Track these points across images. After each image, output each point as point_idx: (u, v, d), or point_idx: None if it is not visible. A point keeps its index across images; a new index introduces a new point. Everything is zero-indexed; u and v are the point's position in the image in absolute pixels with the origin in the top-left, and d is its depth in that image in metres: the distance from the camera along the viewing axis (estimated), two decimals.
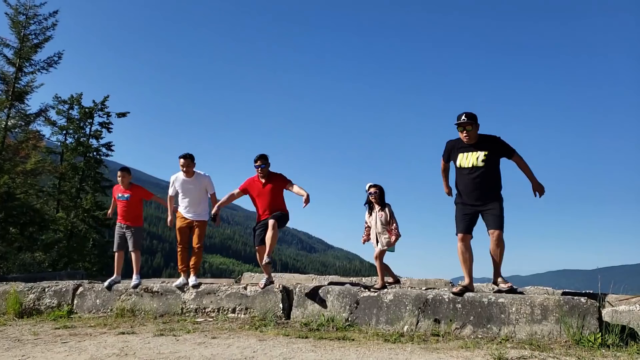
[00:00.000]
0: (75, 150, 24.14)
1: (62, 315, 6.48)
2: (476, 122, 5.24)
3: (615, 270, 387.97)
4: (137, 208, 7.30)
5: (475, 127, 5.23)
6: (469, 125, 5.19)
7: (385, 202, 6.25)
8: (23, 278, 9.76)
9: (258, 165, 6.31)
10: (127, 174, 7.27)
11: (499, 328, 4.79)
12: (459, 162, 5.32)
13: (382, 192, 6.26)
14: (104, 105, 24.98)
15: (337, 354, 4.04)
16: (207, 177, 6.85)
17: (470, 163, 5.21)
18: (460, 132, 5.27)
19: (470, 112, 5.25)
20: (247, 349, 4.28)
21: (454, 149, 5.39)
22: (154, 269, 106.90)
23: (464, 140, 5.26)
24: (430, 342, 4.56)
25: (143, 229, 7.52)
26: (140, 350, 4.30)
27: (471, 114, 5.23)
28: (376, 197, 6.21)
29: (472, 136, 5.23)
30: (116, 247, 7.28)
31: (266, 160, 6.34)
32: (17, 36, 19.36)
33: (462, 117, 5.21)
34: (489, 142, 5.24)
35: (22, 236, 19.21)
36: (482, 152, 5.20)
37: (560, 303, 4.62)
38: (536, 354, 3.98)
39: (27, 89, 19.43)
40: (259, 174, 6.34)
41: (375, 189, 6.23)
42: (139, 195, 7.32)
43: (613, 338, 4.27)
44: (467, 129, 5.20)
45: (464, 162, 5.28)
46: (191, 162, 6.73)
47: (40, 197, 21.82)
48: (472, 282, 5.38)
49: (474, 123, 5.21)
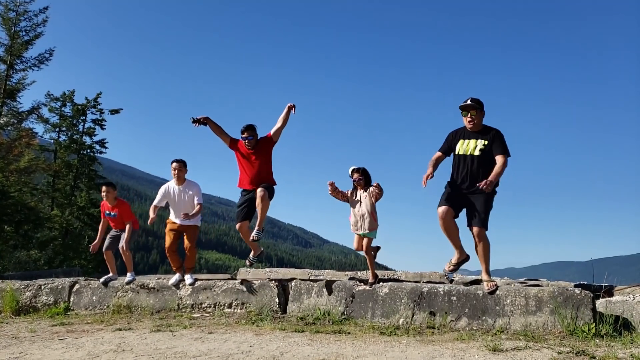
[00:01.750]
0: (68, 147, 24.04)
1: (59, 313, 6.47)
2: (482, 108, 5.05)
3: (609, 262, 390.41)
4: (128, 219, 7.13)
5: (480, 114, 5.04)
6: (474, 109, 5.00)
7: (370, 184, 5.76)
8: (19, 276, 9.75)
9: (245, 137, 5.98)
10: (112, 189, 7.19)
11: (493, 320, 4.83)
12: (458, 148, 5.14)
13: (367, 176, 5.75)
14: (96, 102, 24.86)
15: (334, 348, 4.06)
16: (197, 186, 6.74)
17: (468, 150, 5.05)
18: (464, 117, 5.08)
19: (476, 98, 5.06)
20: (244, 344, 4.30)
21: (456, 136, 5.19)
22: (149, 266, 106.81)
23: (468, 126, 5.08)
24: (426, 335, 4.59)
25: (137, 233, 7.42)
26: (137, 346, 4.31)
27: (477, 99, 5.04)
28: (361, 184, 5.72)
29: (476, 122, 5.04)
30: (105, 247, 7.18)
31: (254, 131, 6.01)
32: (7, 33, 19.25)
33: (468, 100, 5.03)
34: (490, 133, 5.05)
35: (17, 234, 19.16)
36: (482, 140, 5.01)
37: (555, 294, 4.66)
38: (531, 344, 4.01)
39: (18, 86, 19.33)
40: (247, 145, 6.01)
41: (358, 174, 5.73)
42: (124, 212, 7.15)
43: (607, 328, 4.31)
44: (471, 113, 5.01)
45: (462, 148, 5.10)
46: (183, 167, 6.67)
47: (35, 195, 21.76)
48: (463, 251, 5.19)
49: (478, 108, 5.02)
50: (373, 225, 5.66)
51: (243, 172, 6.11)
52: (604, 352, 3.66)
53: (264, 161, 6.07)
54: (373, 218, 5.65)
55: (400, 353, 3.83)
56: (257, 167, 6.03)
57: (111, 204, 7.15)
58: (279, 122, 6.06)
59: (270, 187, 6.02)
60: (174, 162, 6.68)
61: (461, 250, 5.21)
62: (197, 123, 6.00)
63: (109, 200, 7.14)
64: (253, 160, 6.03)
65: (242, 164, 6.10)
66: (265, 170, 6.09)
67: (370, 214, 5.64)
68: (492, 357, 3.61)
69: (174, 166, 6.65)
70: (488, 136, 5.03)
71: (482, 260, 5.09)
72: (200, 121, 6.01)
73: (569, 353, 3.66)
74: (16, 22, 19.41)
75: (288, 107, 5.99)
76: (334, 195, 5.79)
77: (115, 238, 7.18)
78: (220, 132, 6.18)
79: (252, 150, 6.03)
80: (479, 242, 5.00)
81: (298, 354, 3.86)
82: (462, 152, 5.09)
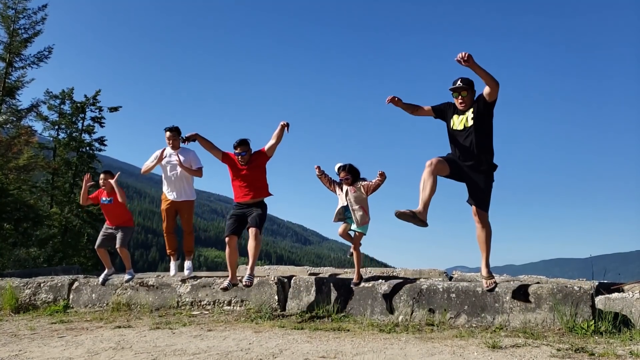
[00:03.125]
0: (67, 145, 23.98)
1: (58, 310, 6.48)
2: (472, 87, 4.93)
3: (609, 258, 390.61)
4: (123, 210, 7.07)
5: (471, 93, 4.92)
6: (464, 90, 4.89)
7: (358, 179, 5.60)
8: (18, 274, 9.74)
9: (238, 153, 5.82)
10: (111, 177, 7.05)
11: (493, 317, 4.83)
12: (452, 124, 5.01)
13: (354, 174, 5.56)
14: (95, 100, 24.80)
15: (333, 345, 4.06)
16: (192, 152, 6.62)
17: (462, 125, 4.91)
18: (455, 98, 4.98)
19: (466, 77, 4.92)
20: (243, 341, 4.30)
21: (450, 109, 5.06)
22: (149, 263, 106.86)
23: (460, 106, 4.95)
24: (425, 332, 4.60)
25: (133, 229, 7.32)
26: (137, 344, 4.31)
27: (467, 79, 4.92)
28: (349, 183, 5.55)
29: (467, 102, 4.91)
30: (97, 244, 7.01)
31: (247, 146, 5.85)
32: (6, 31, 19.20)
33: (458, 82, 4.90)
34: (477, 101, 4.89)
35: (17, 232, 19.15)
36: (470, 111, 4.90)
37: (554, 291, 4.66)
38: (530, 341, 4.02)
39: (17, 84, 19.30)
40: (240, 161, 5.85)
41: (345, 174, 5.54)
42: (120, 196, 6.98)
43: (606, 325, 4.31)
44: (462, 94, 4.90)
45: (457, 124, 4.96)
46: (177, 135, 6.52)
47: (34, 193, 21.73)
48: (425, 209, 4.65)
49: (469, 88, 4.91)
50: (365, 219, 5.53)
51: (237, 187, 5.94)
52: (603, 349, 3.66)
53: (257, 176, 5.92)
54: (365, 212, 5.52)
55: (399, 350, 3.83)
56: (251, 181, 5.87)
57: (108, 191, 7.00)
58: (273, 139, 5.89)
59: (262, 216, 5.81)
60: (167, 132, 6.51)
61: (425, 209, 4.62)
62: (187, 141, 5.97)
63: (107, 187, 6.99)
64: (247, 175, 5.87)
65: (236, 178, 5.93)
66: (260, 185, 5.94)
67: (362, 207, 5.50)
68: (491, 354, 3.62)
69: (168, 135, 6.52)
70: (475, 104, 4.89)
71: (483, 248, 4.94)
72: (190, 138, 5.94)
73: (568, 350, 3.66)
74: (15, 19, 19.36)
75: (281, 125, 5.79)
76: (320, 179, 5.75)
77: (108, 236, 7.03)
78: (210, 147, 6.02)
79: (245, 165, 5.87)
80: (479, 225, 4.86)
81: (297, 351, 3.86)
82: (458, 127, 4.94)
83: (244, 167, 5.86)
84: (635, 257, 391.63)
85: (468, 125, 4.86)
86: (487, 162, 4.88)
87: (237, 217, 5.85)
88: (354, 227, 5.57)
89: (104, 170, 7.32)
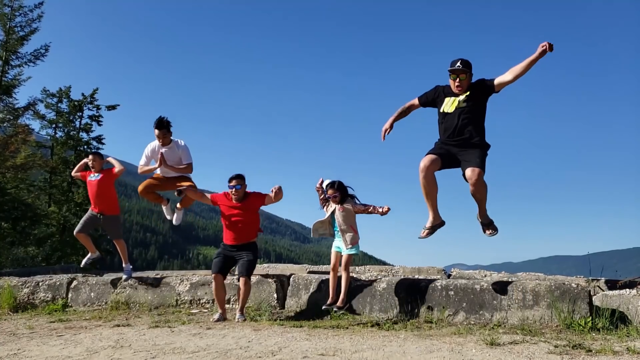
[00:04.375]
0: (65, 144, 23.94)
1: (57, 309, 6.47)
2: (471, 70, 4.74)
3: (606, 256, 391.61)
4: (109, 192, 6.76)
5: (469, 77, 4.74)
6: (463, 73, 4.69)
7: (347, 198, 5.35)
8: (17, 273, 9.73)
9: (233, 186, 5.58)
10: (99, 159, 6.79)
11: (491, 314, 4.85)
12: (443, 107, 4.81)
13: (343, 191, 5.32)
14: (93, 98, 24.75)
15: (332, 342, 4.07)
16: (182, 147, 6.40)
17: (453, 107, 4.73)
18: (452, 80, 4.75)
19: (465, 59, 4.72)
20: (242, 339, 4.31)
21: (442, 93, 4.86)
22: (147, 262, 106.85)
23: (456, 90, 4.75)
24: (424, 329, 4.61)
25: (120, 217, 7.04)
26: (136, 342, 4.31)
27: (467, 62, 4.71)
28: (337, 201, 5.31)
29: (464, 86, 4.72)
30: (77, 229, 6.73)
31: (243, 180, 5.63)
32: (2, 29, 19.16)
33: (458, 63, 4.68)
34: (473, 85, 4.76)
35: (15, 231, 19.15)
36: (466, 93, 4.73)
37: (552, 288, 4.68)
38: (528, 338, 4.03)
39: (14, 82, 19.28)
40: (233, 195, 5.61)
41: (333, 191, 5.29)
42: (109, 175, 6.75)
43: (603, 322, 4.33)
44: (460, 77, 4.69)
45: (447, 107, 4.78)
46: (167, 132, 6.28)
47: (32, 192, 21.72)
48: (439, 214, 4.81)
49: (468, 72, 4.71)
50: (355, 239, 5.29)
51: (227, 228, 5.71)
52: (600, 345, 3.68)
53: (250, 218, 5.68)
54: (355, 232, 5.29)
55: (398, 347, 3.85)
56: (243, 224, 5.63)
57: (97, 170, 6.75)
58: (271, 199, 5.64)
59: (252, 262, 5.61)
60: (156, 129, 6.25)
61: (436, 213, 4.82)
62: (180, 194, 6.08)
63: (95, 169, 6.75)
64: (239, 216, 5.62)
65: (226, 219, 5.69)
66: (251, 228, 5.72)
67: (351, 227, 5.28)
68: (489, 351, 3.63)
69: (157, 134, 6.26)
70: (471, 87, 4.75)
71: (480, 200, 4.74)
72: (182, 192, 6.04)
73: (565, 346, 3.67)
74: (11, 17, 19.32)
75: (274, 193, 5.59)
76: (318, 192, 5.48)
77: (90, 221, 6.76)
78: (200, 197, 6.04)
79: (239, 203, 5.63)
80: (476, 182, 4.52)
81: (296, 349, 3.87)
82: (449, 110, 4.76)
83: (237, 204, 5.64)
84: (633, 254, 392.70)
85: (461, 106, 4.70)
86: (478, 137, 4.72)
87: (225, 257, 5.68)
88: (342, 248, 5.32)
89: (93, 152, 7.10)
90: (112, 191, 6.86)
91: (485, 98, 4.78)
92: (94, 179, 6.73)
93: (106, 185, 6.75)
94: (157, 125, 6.25)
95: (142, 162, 6.50)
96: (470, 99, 4.71)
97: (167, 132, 6.30)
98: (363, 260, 19.60)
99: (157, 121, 6.27)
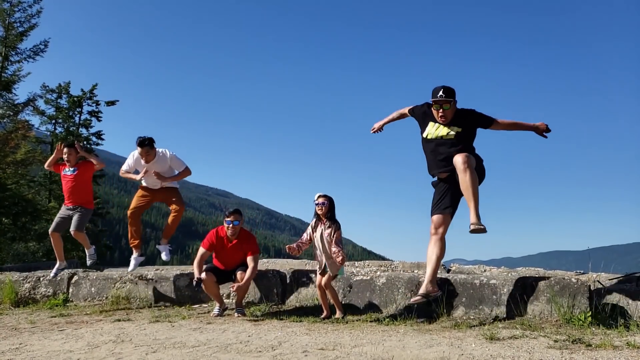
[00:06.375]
0: (65, 139, 23.95)
1: (58, 304, 6.49)
2: (454, 98, 4.53)
3: (606, 251, 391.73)
4: (87, 186, 6.53)
5: (453, 105, 4.53)
6: (447, 103, 4.47)
7: (335, 219, 5.21)
8: (17, 268, 9.76)
9: (230, 221, 5.44)
10: (75, 152, 6.48)
11: (490, 309, 4.86)
12: (427, 132, 4.65)
13: (332, 204, 5.21)
14: (92, 94, 24.78)
15: (332, 337, 4.09)
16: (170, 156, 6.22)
17: (439, 135, 4.57)
18: (435, 111, 4.54)
19: (448, 87, 4.51)
20: (242, 334, 4.32)
21: (427, 115, 4.69)
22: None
23: (440, 120, 4.55)
24: (423, 324, 4.62)
25: (91, 212, 6.68)
26: (137, 337, 4.33)
27: (449, 89, 4.50)
28: (324, 209, 5.16)
29: (448, 115, 4.52)
30: (52, 228, 6.48)
31: (241, 216, 5.52)
32: (1, 24, 19.12)
33: (440, 92, 4.45)
34: (464, 117, 4.57)
35: (15, 226, 19.17)
36: (455, 127, 4.52)
37: (551, 283, 4.69)
38: (527, 333, 4.04)
39: (14, 78, 19.27)
40: (230, 230, 5.46)
41: (324, 199, 5.17)
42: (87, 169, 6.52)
43: (603, 316, 4.34)
44: (444, 107, 4.48)
45: (432, 133, 4.61)
46: (150, 149, 6.06)
47: (32, 187, 21.74)
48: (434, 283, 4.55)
49: (452, 100, 4.49)
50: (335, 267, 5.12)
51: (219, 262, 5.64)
52: (600, 339, 3.69)
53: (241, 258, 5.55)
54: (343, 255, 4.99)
55: (397, 342, 3.86)
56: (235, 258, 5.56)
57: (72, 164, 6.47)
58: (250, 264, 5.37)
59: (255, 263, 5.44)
60: (139, 147, 6.02)
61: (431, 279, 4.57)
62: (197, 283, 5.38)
63: (70, 162, 6.49)
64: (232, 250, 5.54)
65: (218, 256, 5.63)
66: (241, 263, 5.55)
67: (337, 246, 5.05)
68: (488, 346, 3.64)
69: (139, 152, 6.05)
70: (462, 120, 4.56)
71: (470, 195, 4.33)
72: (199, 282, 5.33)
73: (565, 341, 3.68)
74: (10, 13, 19.29)
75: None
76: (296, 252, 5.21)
77: (65, 219, 6.47)
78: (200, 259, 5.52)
79: (235, 239, 5.50)
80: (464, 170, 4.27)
81: (296, 343, 3.88)
82: (433, 137, 4.60)
83: (233, 240, 5.51)
84: (633, 249, 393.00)
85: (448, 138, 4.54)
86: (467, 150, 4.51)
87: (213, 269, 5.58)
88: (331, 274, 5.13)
89: (66, 143, 6.61)
90: (89, 186, 6.65)
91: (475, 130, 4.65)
92: (70, 173, 6.48)
93: (83, 179, 6.53)
94: (139, 143, 6.05)
95: (124, 168, 6.35)
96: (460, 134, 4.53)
97: (150, 149, 6.08)
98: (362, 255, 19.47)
99: (139, 140, 6.06)
